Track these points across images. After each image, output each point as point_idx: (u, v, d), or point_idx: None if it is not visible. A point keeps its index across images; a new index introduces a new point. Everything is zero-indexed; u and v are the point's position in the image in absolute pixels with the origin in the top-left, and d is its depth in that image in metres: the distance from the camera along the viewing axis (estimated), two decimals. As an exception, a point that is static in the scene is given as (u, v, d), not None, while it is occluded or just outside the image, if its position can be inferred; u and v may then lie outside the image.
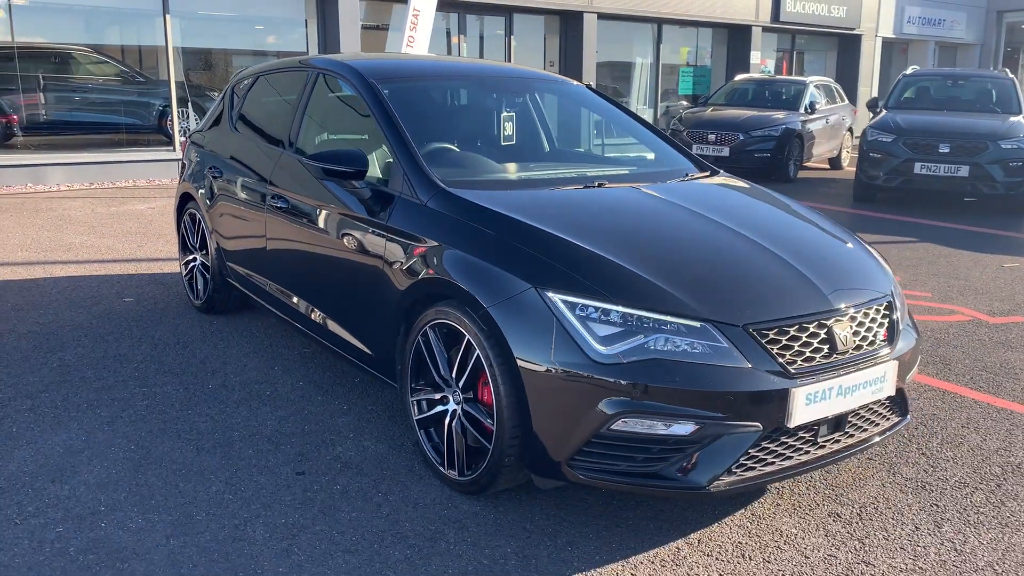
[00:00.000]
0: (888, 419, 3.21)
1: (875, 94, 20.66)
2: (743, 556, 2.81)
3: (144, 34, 12.37)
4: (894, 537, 2.95)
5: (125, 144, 12.41)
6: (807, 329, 2.85)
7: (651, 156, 4.40)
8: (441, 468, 3.19)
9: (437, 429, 3.24)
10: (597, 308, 2.76)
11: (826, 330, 2.88)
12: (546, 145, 4.51)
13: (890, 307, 3.16)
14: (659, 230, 3.25)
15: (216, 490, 3.14)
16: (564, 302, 2.78)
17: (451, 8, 14.36)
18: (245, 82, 5.13)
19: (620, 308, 2.75)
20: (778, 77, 16.36)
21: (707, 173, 4.15)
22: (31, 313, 5.28)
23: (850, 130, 15.41)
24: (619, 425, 2.69)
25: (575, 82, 4.76)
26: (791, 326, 2.82)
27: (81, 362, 4.43)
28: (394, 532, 2.89)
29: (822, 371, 2.83)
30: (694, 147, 13.01)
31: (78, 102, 12.46)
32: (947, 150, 10.14)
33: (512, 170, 3.93)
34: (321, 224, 3.85)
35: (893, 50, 23.73)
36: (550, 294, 2.79)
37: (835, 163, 15.30)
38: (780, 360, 2.76)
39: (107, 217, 8.77)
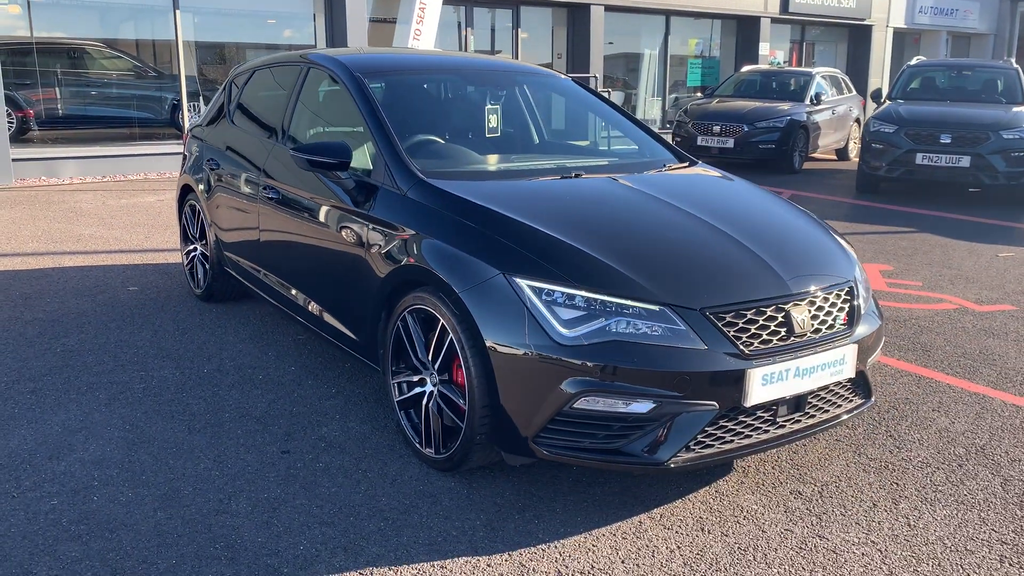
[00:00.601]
0: (851, 401, 3.32)
1: (886, 85, 20.61)
2: (702, 530, 2.94)
3: (156, 29, 12.58)
4: (851, 513, 3.07)
5: (138, 138, 12.63)
6: (764, 312, 2.97)
7: (634, 147, 4.51)
8: (419, 447, 3.33)
9: (416, 410, 3.39)
10: (562, 293, 2.89)
11: (784, 314, 3.00)
12: (531, 137, 4.64)
13: (851, 292, 3.26)
14: (626, 218, 3.37)
15: (204, 467, 3.30)
16: (530, 287, 2.91)
17: (459, 1, 14.47)
18: (242, 76, 5.29)
19: (583, 293, 2.88)
20: (784, 68, 16.37)
21: (685, 164, 4.26)
22: (39, 301, 5.47)
23: (857, 121, 15.41)
24: (581, 403, 2.82)
25: (561, 75, 4.88)
26: (748, 310, 2.94)
27: (83, 348, 4.61)
28: (370, 506, 3.03)
29: (779, 353, 2.95)
30: (699, 138, 13.09)
31: (92, 96, 12.70)
32: (948, 140, 10.17)
33: (493, 161, 4.06)
34: (309, 214, 4.00)
35: (905, 40, 23.62)
36: (517, 280, 2.93)
37: (842, 154, 15.32)
38: (737, 342, 2.88)
39: (117, 209, 8.97)
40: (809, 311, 3.07)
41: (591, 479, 3.25)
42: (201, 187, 5.27)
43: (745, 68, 15.65)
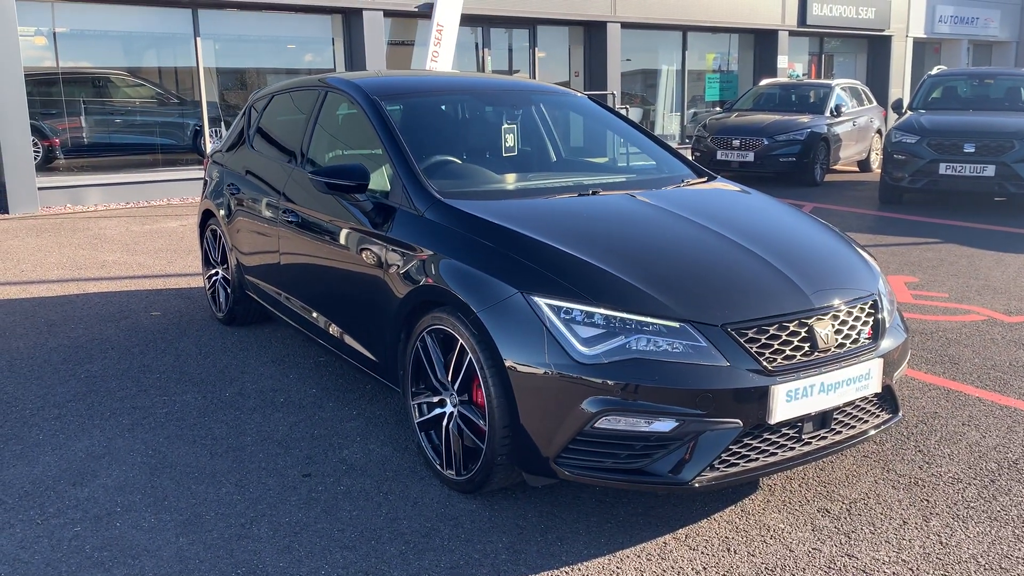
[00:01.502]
0: (877, 416, 3.27)
1: (907, 95, 20.46)
2: (728, 550, 2.89)
3: (178, 56, 12.73)
4: (881, 531, 3.01)
5: (161, 164, 12.77)
6: (787, 328, 2.92)
7: (652, 163, 4.49)
8: (440, 468, 3.31)
9: (436, 431, 3.37)
10: (581, 311, 2.87)
11: (807, 328, 2.95)
12: (548, 155, 4.63)
13: (875, 306, 3.21)
14: (644, 234, 3.35)
15: (226, 491, 3.30)
16: (549, 306, 2.89)
17: (475, 22, 14.56)
18: (261, 101, 5.33)
19: (602, 311, 2.85)
20: (803, 81, 16.30)
21: (704, 179, 4.24)
22: (63, 328, 5.52)
23: (879, 132, 15.30)
24: (602, 423, 2.79)
25: (577, 93, 4.88)
26: (771, 325, 2.90)
27: (107, 373, 4.64)
28: (391, 529, 3.01)
29: (803, 369, 2.90)
30: (719, 153, 13.05)
31: (116, 124, 12.88)
32: (972, 150, 10.05)
33: (510, 180, 4.06)
34: (329, 237, 4.01)
35: (925, 50, 23.47)
36: (535, 298, 2.91)
37: (864, 166, 15.21)
38: (759, 358, 2.84)
39: (140, 235, 9.06)
40: (833, 326, 3.02)
41: (614, 499, 3.21)
42: (222, 212, 5.31)
43: (764, 81, 15.62)
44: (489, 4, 14.15)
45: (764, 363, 2.84)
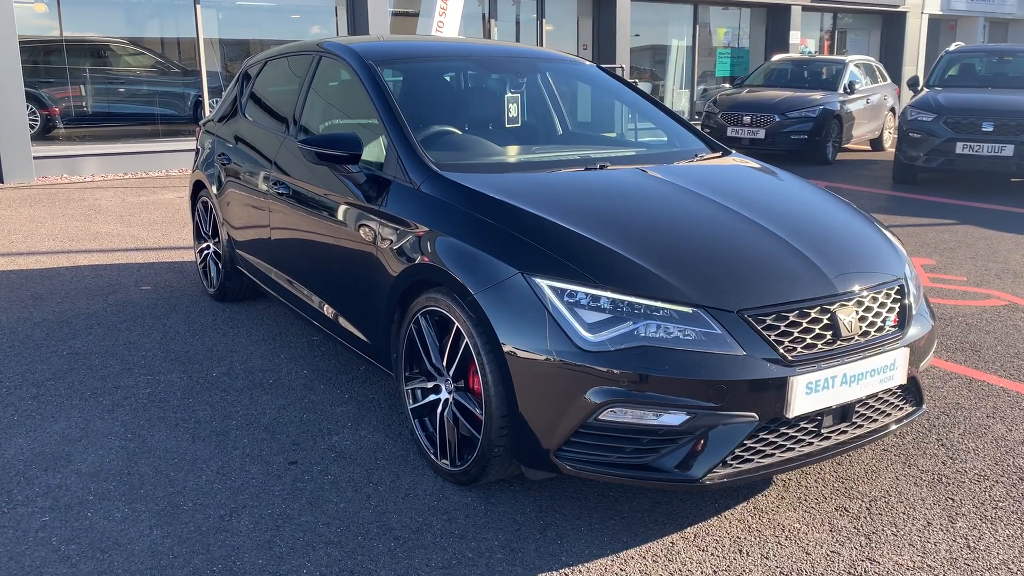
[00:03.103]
0: (901, 409, 3.06)
1: (922, 73, 20.08)
2: (740, 551, 2.69)
3: (180, 26, 12.45)
4: (903, 533, 2.81)
5: (161, 135, 12.53)
6: (808, 315, 2.71)
7: (664, 137, 4.26)
8: (434, 458, 3.12)
9: (431, 418, 3.17)
10: (586, 294, 2.65)
11: (829, 315, 2.74)
12: (553, 127, 4.39)
13: (902, 291, 3.00)
14: (656, 212, 3.12)
15: (206, 479, 3.10)
16: (551, 288, 2.67)
17: (482, -8, 14.23)
18: (255, 67, 5.10)
19: (609, 294, 2.64)
20: (816, 57, 15.94)
21: (719, 154, 4.00)
22: (49, 302, 5.32)
23: (892, 110, 14.97)
24: (607, 415, 2.58)
25: (586, 62, 4.63)
26: (791, 311, 2.68)
27: (90, 350, 4.45)
28: (380, 524, 2.82)
29: (824, 359, 2.69)
30: (729, 129, 12.75)
31: (116, 94, 12.63)
32: (990, 128, 9.77)
33: (512, 153, 3.82)
34: (320, 211, 3.79)
35: (941, 27, 23.02)
36: (537, 280, 2.69)
37: (877, 144, 14.89)
38: (778, 347, 2.63)
39: (136, 206, 8.84)
40: (857, 312, 2.80)
41: (619, 494, 3.02)
42: (213, 183, 5.09)
43: (775, 57, 15.28)
44: (496, -26, 13.82)
45: (783, 352, 2.63)
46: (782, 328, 2.66)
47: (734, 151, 4.08)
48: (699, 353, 2.57)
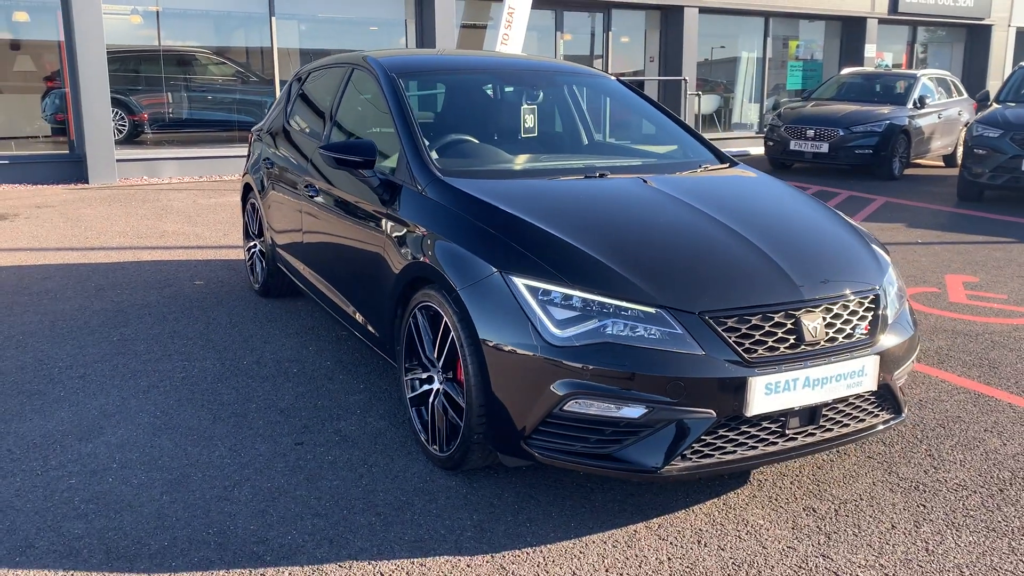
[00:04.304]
0: (876, 415, 3.13)
1: (1006, 88, 19.43)
2: (699, 542, 2.83)
3: (262, 36, 13.02)
4: (864, 534, 2.89)
5: (237, 140, 13.14)
6: (772, 319, 2.83)
7: (675, 148, 4.40)
8: (427, 444, 3.33)
9: (425, 407, 3.39)
10: (560, 293, 2.83)
11: (794, 320, 2.85)
12: (567, 138, 4.58)
13: (877, 300, 3.08)
14: (636, 218, 3.28)
15: (218, 455, 3.39)
16: (526, 286, 2.86)
17: (548, 5, 14.47)
18: (300, 79, 5.43)
19: (580, 293, 2.81)
20: (885, 71, 15.64)
21: (725, 165, 4.12)
22: (110, 292, 5.75)
23: (967, 126, 14.58)
24: (572, 406, 2.76)
25: (605, 75, 4.80)
26: (753, 315, 2.81)
27: (138, 337, 4.82)
28: (366, 500, 3.05)
29: (786, 361, 2.81)
30: (792, 143, 12.68)
31: (198, 101, 13.32)
32: (1058, 146, 9.50)
33: (519, 161, 4.02)
34: (342, 212, 4.06)
35: (1030, 41, 22.25)
36: (513, 278, 2.89)
37: (950, 160, 14.55)
38: (738, 348, 2.76)
39: (205, 208, 9.35)
40: (824, 319, 2.91)
41: (595, 485, 3.18)
42: (258, 186, 5.44)
43: (845, 70, 15.07)
44: (563, -13, 14.05)
45: (743, 353, 2.76)
46: (743, 330, 2.79)
47: (741, 163, 4.20)
48: (659, 351, 2.72)
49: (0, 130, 11.69)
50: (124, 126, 12.52)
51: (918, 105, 12.99)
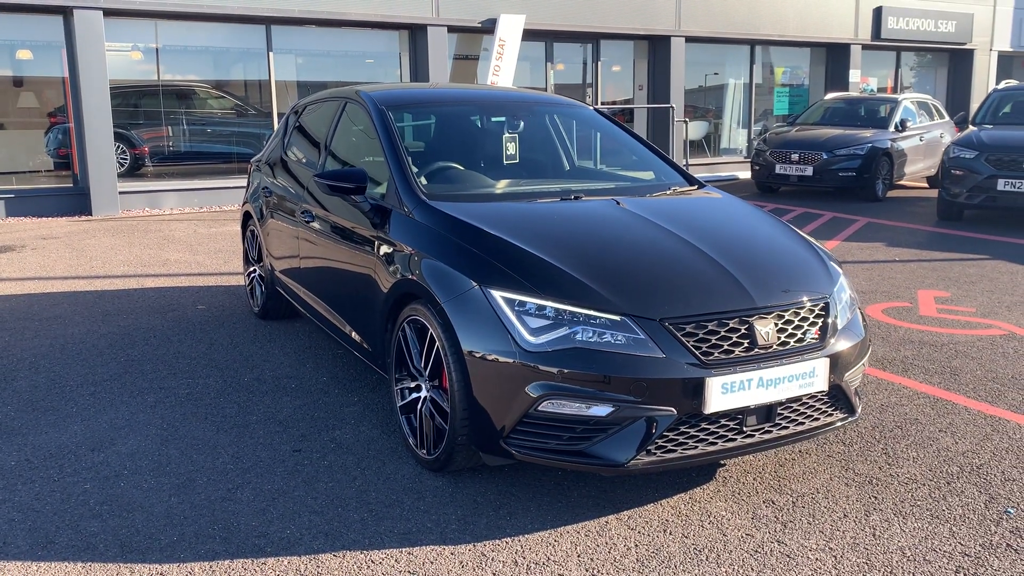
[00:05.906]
0: (829, 415, 3.39)
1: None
2: (664, 531, 3.08)
3: (260, 70, 13.39)
4: (818, 522, 3.14)
5: (236, 172, 13.48)
6: (727, 324, 3.10)
7: (649, 173, 4.70)
8: (415, 448, 3.59)
9: (414, 414, 3.65)
10: (534, 304, 3.11)
11: (747, 326, 3.12)
12: (547, 165, 4.88)
13: (826, 308, 3.35)
14: (604, 235, 3.56)
15: (222, 461, 3.64)
16: (503, 298, 3.14)
17: (538, 37, 14.88)
18: (296, 112, 5.74)
19: (551, 303, 3.09)
20: (868, 95, 16.04)
21: (693, 187, 4.42)
22: (116, 317, 6.02)
23: (949, 148, 14.94)
24: (546, 406, 3.02)
25: (583, 105, 5.11)
26: (710, 321, 3.08)
27: (144, 358, 5.08)
28: (359, 499, 3.30)
29: (740, 363, 3.08)
30: (777, 167, 13.01)
31: (198, 134, 13.69)
32: (1031, 166, 9.82)
33: (501, 185, 4.32)
34: (336, 237, 4.35)
35: (1013, 64, 22.71)
36: (491, 291, 3.17)
37: (933, 182, 14.83)
38: (696, 352, 3.03)
39: (205, 237, 9.65)
40: (776, 324, 3.18)
41: (572, 482, 3.43)
42: (257, 214, 5.73)
43: (829, 95, 15.47)
44: (552, 19, 14.45)
45: (700, 356, 3.03)
46: (700, 335, 3.06)
47: (708, 184, 4.50)
48: (624, 355, 2.99)
49: (5, 165, 12.02)
50: (126, 159, 12.86)
51: (900, 128, 13.34)
